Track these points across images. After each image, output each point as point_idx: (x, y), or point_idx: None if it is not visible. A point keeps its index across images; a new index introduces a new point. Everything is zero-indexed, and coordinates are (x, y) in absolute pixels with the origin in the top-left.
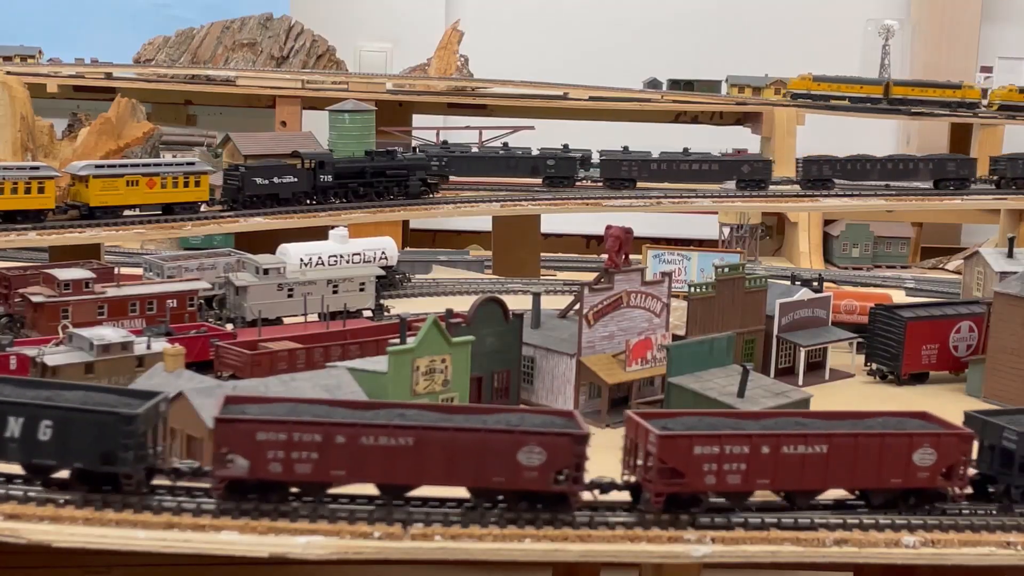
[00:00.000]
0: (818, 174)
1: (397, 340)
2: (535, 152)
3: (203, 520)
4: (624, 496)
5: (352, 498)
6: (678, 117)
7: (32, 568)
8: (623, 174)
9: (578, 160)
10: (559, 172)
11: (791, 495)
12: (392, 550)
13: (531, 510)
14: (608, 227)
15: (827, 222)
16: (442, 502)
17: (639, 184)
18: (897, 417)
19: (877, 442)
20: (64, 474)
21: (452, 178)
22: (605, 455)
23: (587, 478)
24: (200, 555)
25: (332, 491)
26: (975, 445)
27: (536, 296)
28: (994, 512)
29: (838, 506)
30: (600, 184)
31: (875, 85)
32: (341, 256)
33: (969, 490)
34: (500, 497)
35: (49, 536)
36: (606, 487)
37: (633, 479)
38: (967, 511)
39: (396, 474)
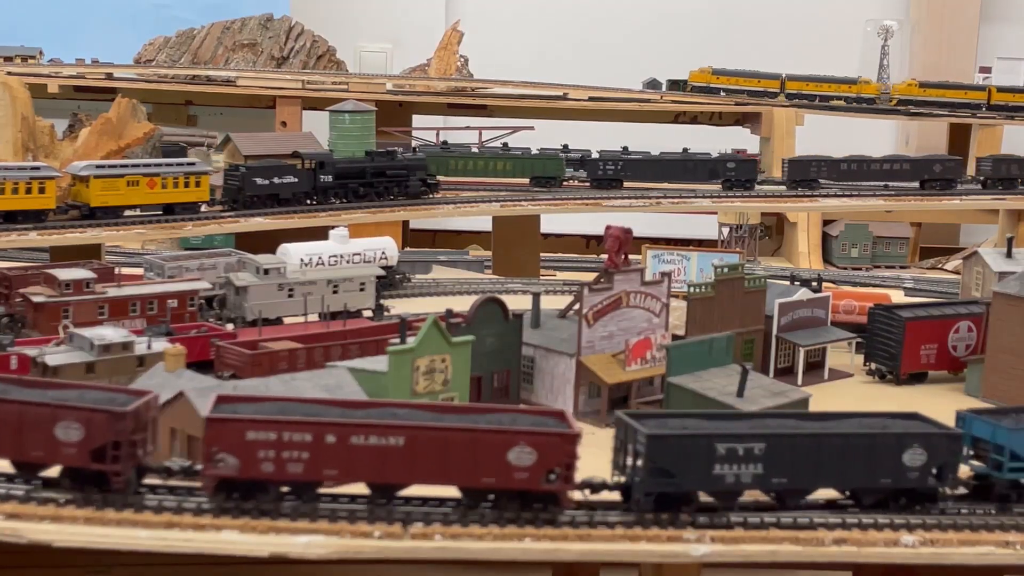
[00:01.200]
0: (1006, 173)
1: (397, 340)
2: (714, 155)
3: (203, 520)
4: (194, 483)
5: (353, 498)
6: (677, 117)
7: (32, 568)
8: (811, 175)
9: (758, 163)
10: (740, 175)
11: (375, 487)
12: (392, 550)
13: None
14: (608, 227)
15: (826, 222)
16: (441, 501)
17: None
18: (531, 415)
19: (464, 438)
20: None
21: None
22: (601, 455)
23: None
24: (200, 555)
25: (329, 490)
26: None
27: (536, 296)
28: (993, 512)
29: (834, 506)
30: (782, 185)
31: (772, 80)
32: (341, 256)
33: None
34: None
35: (50, 536)
36: (175, 471)
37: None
38: (965, 510)
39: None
